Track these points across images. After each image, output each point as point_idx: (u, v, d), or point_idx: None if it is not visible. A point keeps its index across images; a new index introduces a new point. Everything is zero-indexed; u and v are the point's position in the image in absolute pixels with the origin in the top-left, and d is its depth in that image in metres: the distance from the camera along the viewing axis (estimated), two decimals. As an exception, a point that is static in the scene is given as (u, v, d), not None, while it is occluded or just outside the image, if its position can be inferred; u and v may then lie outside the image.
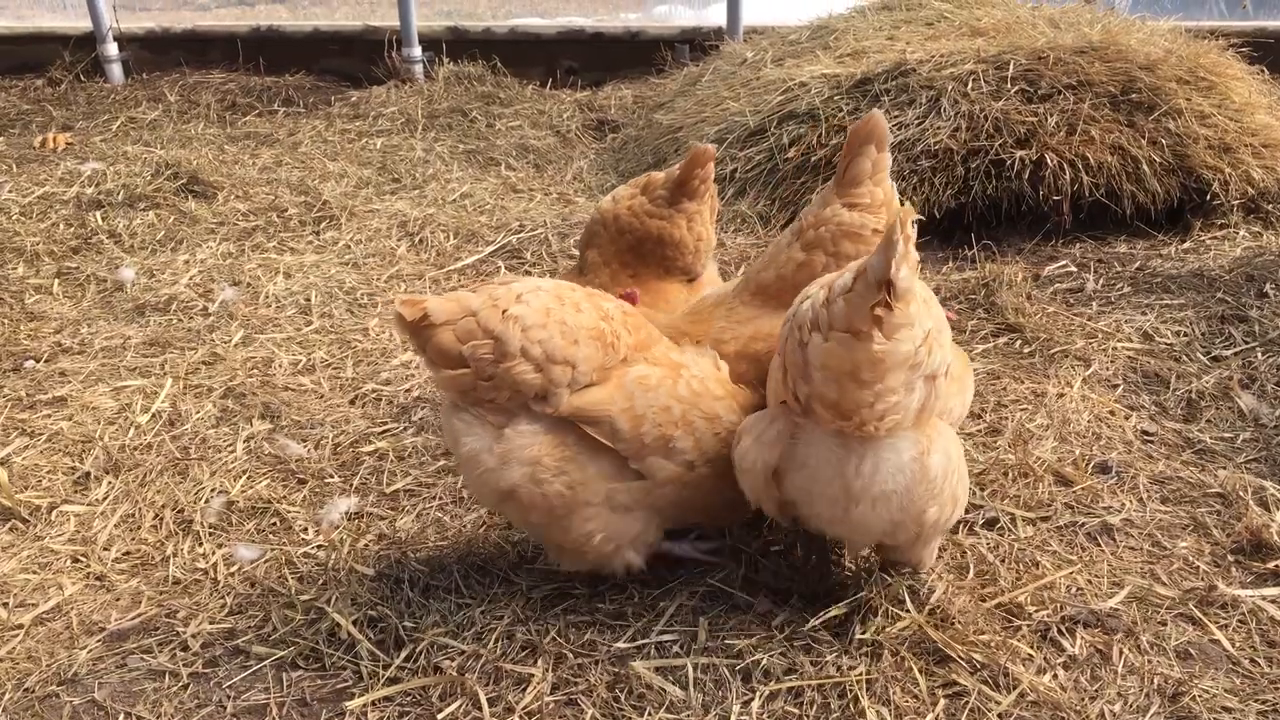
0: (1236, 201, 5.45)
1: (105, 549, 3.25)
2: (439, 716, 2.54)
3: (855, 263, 2.37)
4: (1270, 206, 5.51)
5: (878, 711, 2.50)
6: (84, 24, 9.56)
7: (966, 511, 3.20)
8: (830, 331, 2.29)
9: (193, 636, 2.87)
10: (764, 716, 2.51)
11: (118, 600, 3.04)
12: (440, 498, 3.46)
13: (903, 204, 3.02)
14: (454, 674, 2.65)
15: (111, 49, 9.44)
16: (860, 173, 3.07)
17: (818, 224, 3.08)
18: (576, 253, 5.27)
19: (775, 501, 2.66)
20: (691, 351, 2.95)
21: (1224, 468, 3.46)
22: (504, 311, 2.56)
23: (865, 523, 2.53)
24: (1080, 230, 5.47)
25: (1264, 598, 2.84)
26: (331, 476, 3.60)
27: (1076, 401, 3.83)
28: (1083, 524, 3.18)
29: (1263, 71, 6.54)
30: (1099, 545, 3.10)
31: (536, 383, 2.59)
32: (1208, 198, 5.43)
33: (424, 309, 2.57)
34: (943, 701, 2.52)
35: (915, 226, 2.24)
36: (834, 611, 2.77)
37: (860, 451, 2.44)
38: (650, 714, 2.51)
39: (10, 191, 6.30)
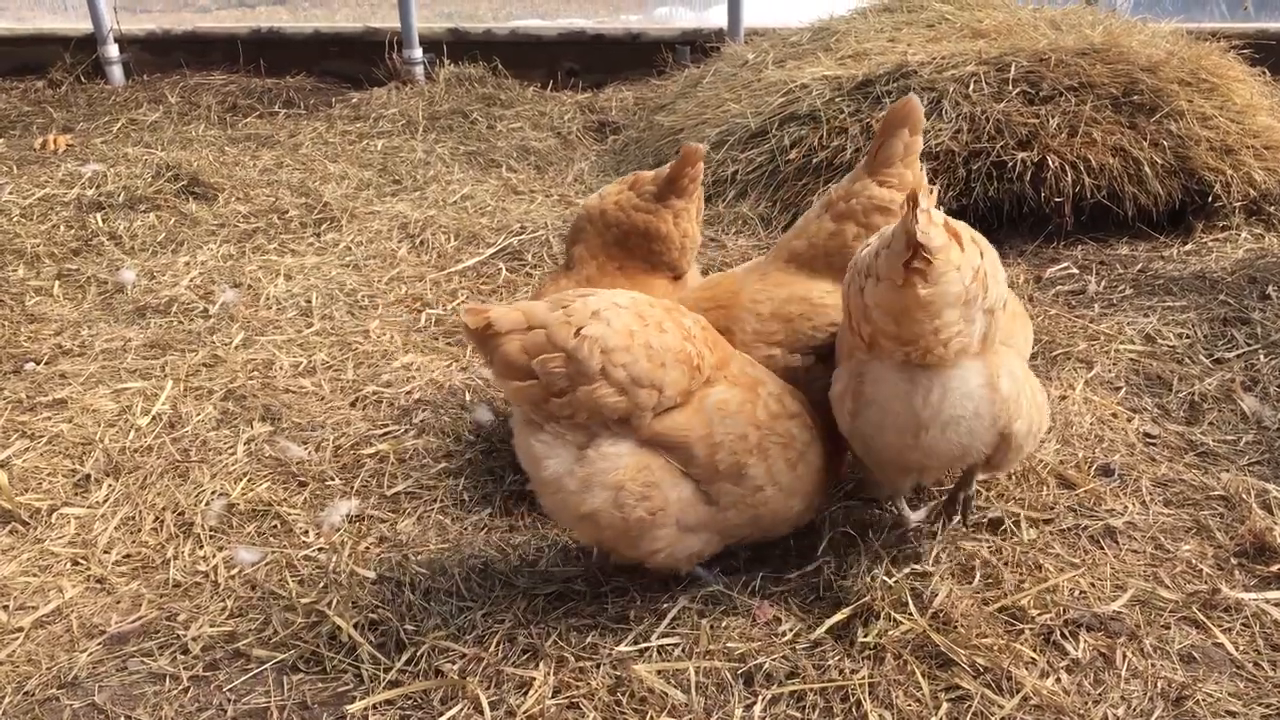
0: (1238, 203, 5.45)
1: (105, 552, 3.24)
2: (440, 720, 2.54)
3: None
4: (1272, 208, 5.50)
5: (880, 715, 2.49)
6: (85, 25, 9.56)
7: (970, 510, 3.21)
8: (880, 280, 2.53)
9: (193, 639, 2.86)
10: (766, 720, 2.50)
11: (118, 603, 3.03)
12: (441, 500, 3.45)
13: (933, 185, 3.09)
14: (455, 677, 2.64)
15: (112, 50, 9.44)
16: (893, 154, 3.16)
17: (849, 197, 3.20)
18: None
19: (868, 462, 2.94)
20: (761, 368, 2.92)
21: (1227, 470, 3.45)
22: (578, 330, 2.49)
23: (935, 448, 2.71)
24: (1082, 232, 5.46)
25: (1268, 601, 2.83)
26: (332, 479, 3.59)
27: (1079, 404, 3.82)
28: (1085, 527, 3.17)
29: (1264, 73, 6.54)
30: (1102, 548, 3.09)
31: (621, 406, 2.54)
32: (1209, 200, 5.43)
33: (488, 318, 2.52)
34: (945, 705, 2.51)
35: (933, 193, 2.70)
36: (837, 616, 2.76)
37: (927, 382, 2.62)
38: (652, 717, 2.50)
39: (11, 193, 6.29)
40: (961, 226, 2.56)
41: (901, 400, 2.65)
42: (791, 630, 2.76)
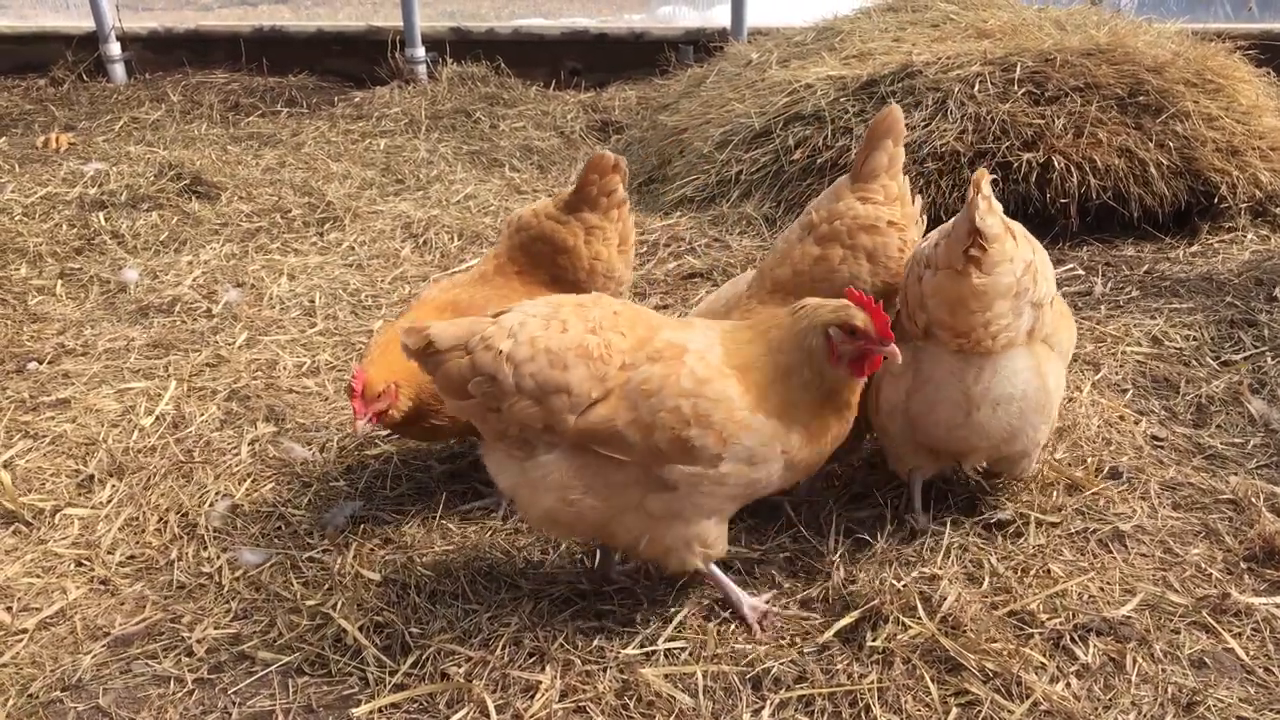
0: (1244, 204, 5.43)
1: (109, 553, 3.23)
2: (446, 724, 2.52)
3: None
4: (1278, 210, 5.48)
5: (889, 720, 2.48)
6: (87, 24, 9.54)
7: (979, 512, 3.21)
8: (938, 269, 2.76)
9: (198, 642, 2.84)
10: (775, 725, 2.49)
11: (122, 605, 3.02)
12: (446, 502, 3.43)
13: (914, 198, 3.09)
14: (461, 680, 2.63)
15: (114, 49, 9.42)
16: (877, 166, 3.12)
17: (832, 218, 3.13)
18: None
19: (909, 439, 3.01)
20: (698, 327, 2.75)
21: (1235, 473, 3.43)
22: (497, 351, 2.53)
23: (985, 427, 2.92)
24: (1088, 233, 5.45)
25: (1278, 605, 2.81)
26: (337, 480, 3.57)
27: (1086, 406, 3.80)
28: (1094, 530, 3.15)
29: (1270, 74, 6.52)
30: (1110, 552, 3.08)
31: (538, 415, 2.55)
32: (1215, 201, 5.41)
33: (428, 337, 2.56)
34: (955, 711, 2.50)
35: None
36: (845, 620, 2.75)
37: (979, 364, 2.86)
38: (660, 722, 2.49)
39: (13, 192, 6.28)
40: (1015, 224, 2.81)
41: (956, 379, 2.87)
42: (799, 634, 2.74)
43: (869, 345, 2.57)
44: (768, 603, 2.85)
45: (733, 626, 2.79)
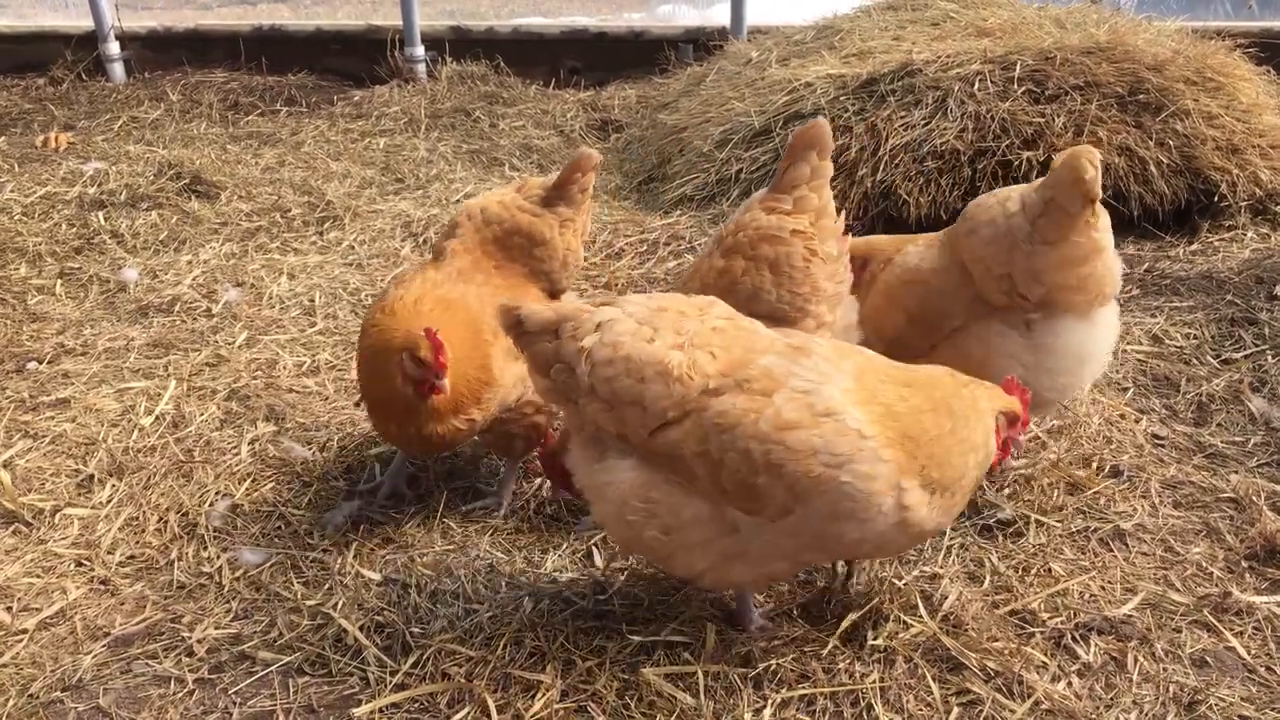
0: (1244, 203, 5.43)
1: (109, 553, 3.23)
2: (447, 724, 2.52)
3: (1026, 191, 3.12)
4: (1278, 208, 5.48)
5: (891, 720, 2.48)
6: (86, 23, 9.53)
7: (980, 513, 3.20)
8: (1051, 242, 3.03)
9: (198, 642, 2.84)
10: (776, 724, 2.48)
11: (122, 605, 3.02)
12: (446, 502, 3.43)
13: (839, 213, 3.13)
14: (462, 680, 2.62)
15: (113, 48, 9.41)
16: (798, 177, 3.07)
17: (736, 230, 3.12)
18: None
19: None
20: (820, 353, 2.48)
21: (1236, 472, 3.43)
22: (580, 346, 2.46)
23: (1090, 375, 3.28)
24: (1088, 232, 5.43)
25: (1279, 604, 2.81)
26: (337, 479, 3.57)
27: (1087, 405, 3.80)
28: (1095, 529, 3.15)
29: (1269, 72, 6.52)
30: (1111, 551, 3.08)
31: (610, 421, 2.45)
32: (1215, 199, 5.41)
33: (517, 315, 2.54)
34: (956, 710, 2.50)
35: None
36: (848, 621, 2.74)
37: (1091, 319, 3.17)
38: (661, 722, 2.49)
39: (12, 191, 6.27)
40: None
41: (1078, 337, 3.16)
42: (801, 632, 2.74)
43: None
44: (764, 616, 2.82)
45: (734, 627, 2.78)
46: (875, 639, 2.68)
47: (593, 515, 2.72)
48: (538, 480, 3.54)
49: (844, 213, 3.21)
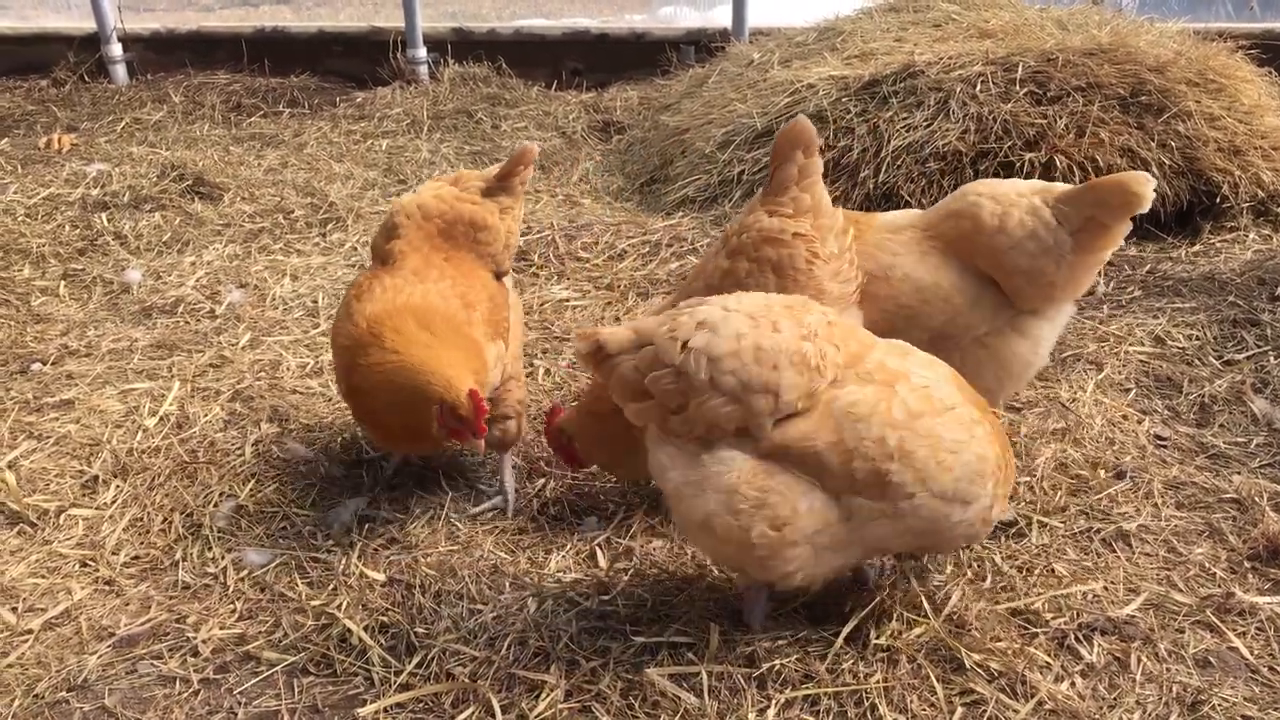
0: (1246, 204, 5.44)
1: (114, 553, 3.23)
2: (452, 724, 2.53)
3: (1049, 199, 3.21)
4: (1280, 209, 5.49)
5: (895, 720, 2.48)
6: (88, 24, 9.54)
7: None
8: (1087, 252, 3.20)
9: (203, 642, 2.85)
10: (780, 724, 2.49)
11: (127, 605, 3.02)
12: (450, 502, 3.44)
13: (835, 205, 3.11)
14: (466, 681, 2.63)
15: (116, 49, 9.42)
16: (786, 179, 3.06)
17: (740, 231, 3.12)
18: (578, 255, 5.27)
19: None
20: (919, 355, 2.64)
21: (1238, 473, 3.44)
22: (684, 344, 2.43)
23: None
24: (1090, 233, 5.43)
25: (1282, 605, 2.82)
26: (340, 480, 3.58)
27: (1089, 406, 3.81)
28: (1098, 530, 3.16)
29: (1271, 73, 6.52)
30: (1114, 551, 3.08)
31: (735, 415, 2.43)
32: (1217, 200, 5.41)
33: (598, 340, 2.49)
34: (960, 710, 2.50)
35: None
36: (851, 624, 2.74)
37: (1068, 311, 3.41)
38: (665, 722, 2.50)
39: (15, 193, 6.28)
40: None
41: (1056, 331, 3.40)
42: (804, 632, 2.74)
43: None
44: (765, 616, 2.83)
45: (737, 625, 2.78)
46: (879, 639, 2.68)
47: (679, 519, 2.63)
48: (541, 481, 3.55)
49: (839, 209, 3.19)
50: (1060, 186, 3.30)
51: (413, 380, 2.96)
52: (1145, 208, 3.12)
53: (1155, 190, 3.14)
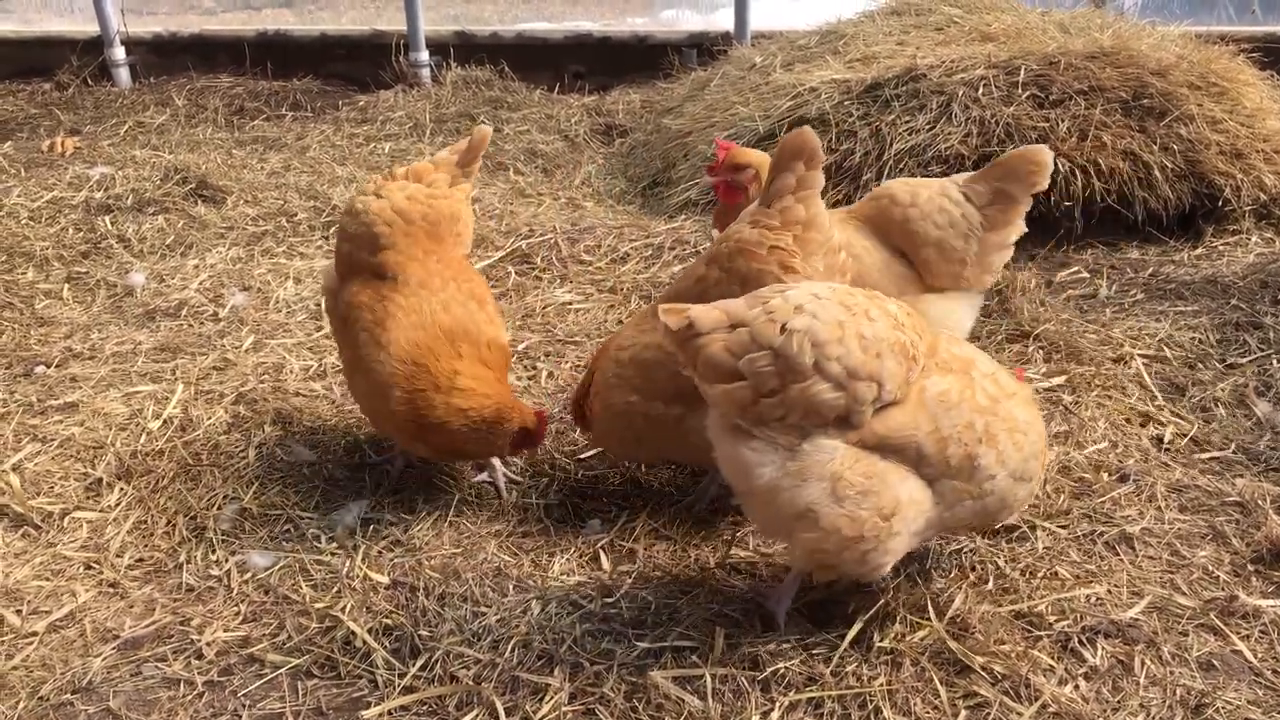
0: (1248, 207, 5.44)
1: (118, 556, 3.24)
2: (456, 726, 2.53)
3: (960, 182, 3.52)
4: (1282, 212, 5.49)
5: (898, 722, 2.48)
6: (91, 28, 9.55)
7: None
8: (995, 228, 3.48)
9: (207, 644, 2.85)
10: (784, 727, 2.49)
11: (131, 607, 3.03)
12: (454, 504, 3.44)
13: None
14: (470, 683, 2.64)
15: (119, 53, 9.44)
16: (781, 188, 2.96)
17: (724, 239, 3.09)
18: (581, 258, 5.28)
19: None
20: (970, 346, 2.74)
21: (1241, 476, 3.44)
22: (783, 325, 2.40)
23: None
24: (1092, 236, 5.45)
25: (1285, 608, 2.82)
26: (344, 483, 3.58)
27: (1092, 409, 3.81)
28: (1101, 533, 3.16)
29: (1273, 76, 6.53)
30: (1118, 554, 3.08)
31: (839, 402, 2.41)
32: (1220, 204, 5.41)
33: (689, 318, 2.45)
34: (964, 713, 2.51)
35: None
36: (857, 624, 2.75)
37: (980, 296, 3.67)
38: (669, 724, 2.50)
39: (19, 196, 6.28)
40: None
41: (970, 314, 3.66)
42: (808, 635, 2.74)
43: None
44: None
45: (741, 628, 2.79)
46: (882, 641, 2.69)
47: (771, 513, 2.56)
48: (544, 480, 3.56)
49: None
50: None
51: (488, 416, 3.17)
52: (1046, 181, 3.42)
53: (1159, 193, 3.17)
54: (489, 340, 3.32)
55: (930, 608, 2.79)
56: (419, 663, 2.72)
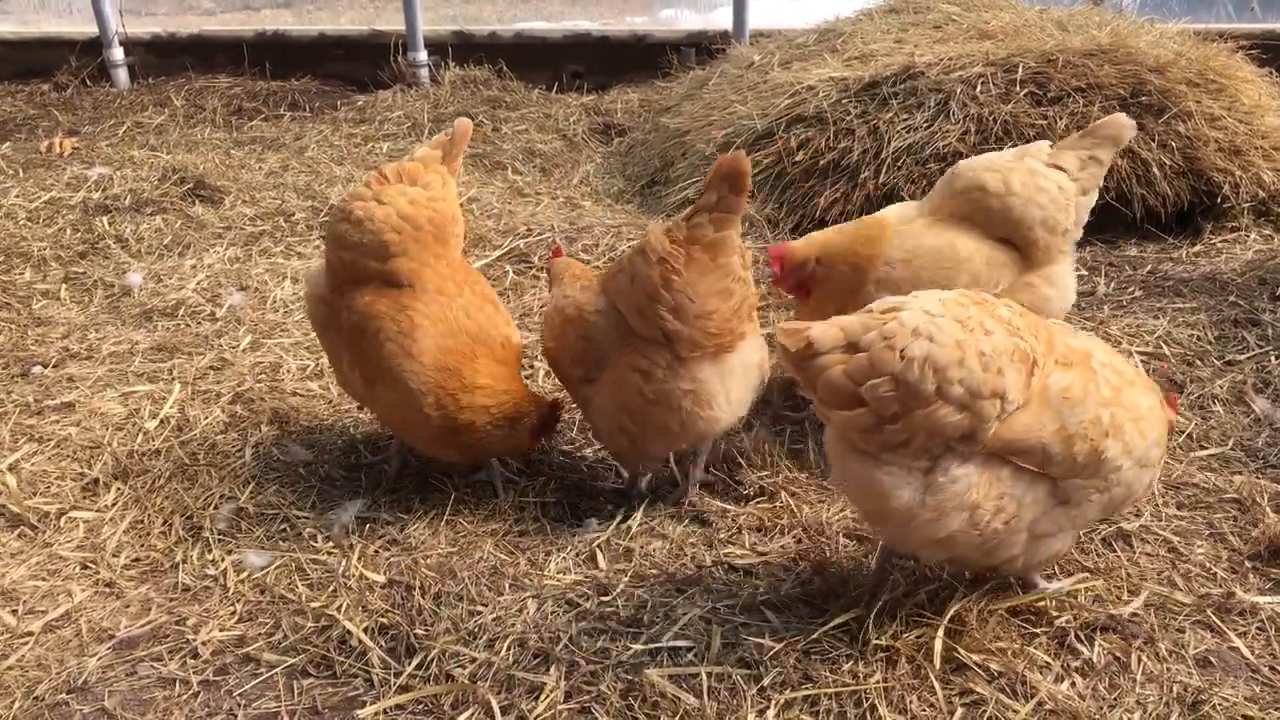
0: (1247, 204, 5.43)
1: (114, 555, 3.24)
2: (452, 725, 2.52)
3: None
4: (1281, 209, 5.48)
5: (895, 720, 2.48)
6: (90, 29, 9.56)
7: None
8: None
9: (203, 644, 2.85)
10: (780, 725, 2.49)
11: (127, 607, 3.03)
12: (450, 503, 3.43)
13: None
14: (466, 682, 2.63)
15: (117, 54, 9.44)
16: (702, 205, 2.96)
17: (649, 234, 3.10)
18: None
19: None
20: (1079, 333, 2.68)
21: (1239, 473, 3.43)
22: (900, 352, 2.34)
23: None
24: (1090, 233, 5.35)
25: (1283, 604, 2.81)
26: (341, 482, 3.58)
27: (1090, 406, 3.80)
28: (1099, 529, 3.15)
29: (1272, 74, 6.52)
30: (1115, 551, 3.08)
31: (963, 424, 2.38)
32: (1218, 201, 5.41)
33: (807, 338, 2.39)
34: (960, 710, 2.50)
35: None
36: (847, 615, 2.74)
37: None
38: (665, 723, 2.49)
39: (17, 196, 6.29)
40: None
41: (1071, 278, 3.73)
42: (803, 632, 2.74)
43: None
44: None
45: (736, 626, 2.78)
46: (878, 639, 2.68)
47: (907, 534, 2.54)
48: (540, 479, 3.55)
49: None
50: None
51: (508, 412, 3.26)
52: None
53: (1157, 190, 3.16)
54: (503, 339, 3.36)
55: (927, 605, 2.78)
56: (414, 661, 2.71)
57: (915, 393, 2.34)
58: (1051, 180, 3.53)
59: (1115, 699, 2.53)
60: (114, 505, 3.47)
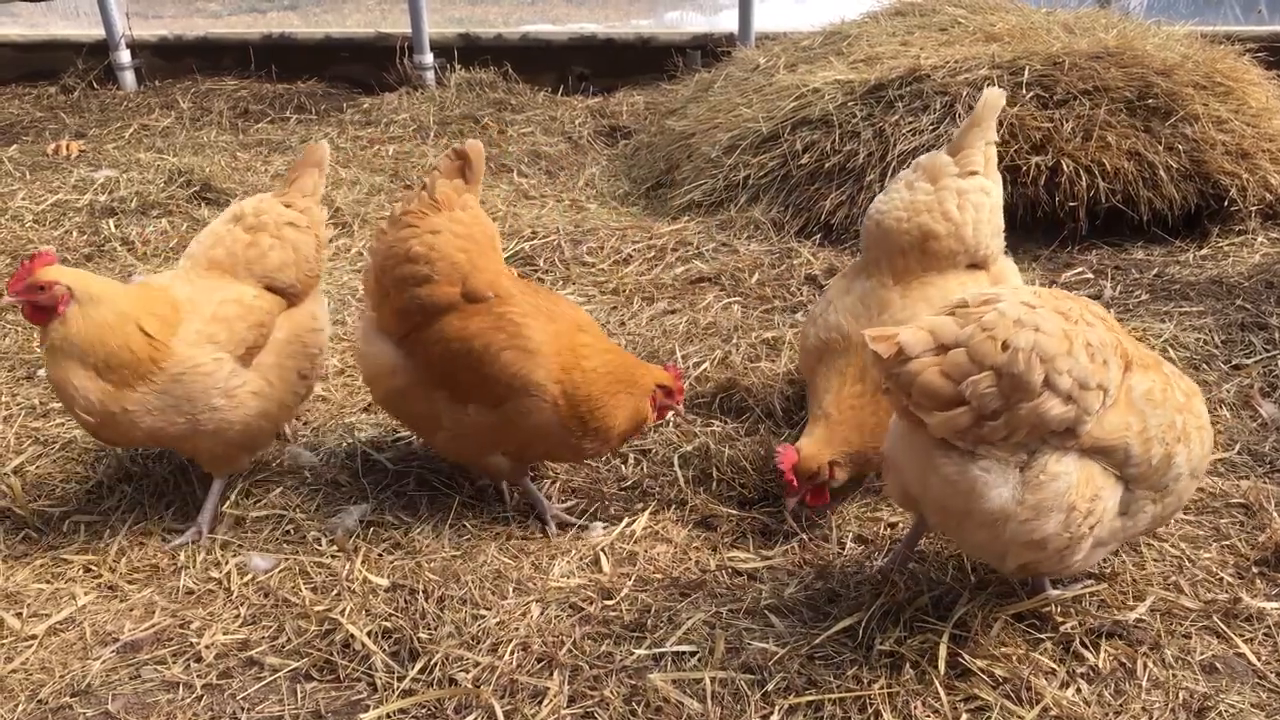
0: (1254, 208, 5.41)
1: (118, 559, 3.24)
2: (454, 730, 2.52)
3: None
4: (1288, 212, 5.46)
5: (899, 726, 2.47)
6: (97, 32, 9.58)
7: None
8: None
9: (206, 647, 2.85)
10: (783, 731, 2.48)
11: (131, 610, 3.03)
12: (455, 507, 3.43)
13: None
14: (469, 686, 2.63)
15: (124, 56, 9.45)
16: (304, 186, 3.73)
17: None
18: (583, 260, 5.27)
19: None
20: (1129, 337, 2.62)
21: (1246, 478, 3.42)
22: (1004, 343, 2.26)
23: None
24: (1097, 237, 5.43)
25: (1290, 610, 2.80)
26: (344, 485, 3.58)
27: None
28: (1104, 535, 3.14)
29: (1278, 76, 6.49)
30: (1121, 556, 3.06)
31: (1069, 416, 2.31)
32: (1225, 204, 5.39)
33: (898, 343, 2.31)
34: (965, 716, 2.49)
35: None
36: (849, 620, 2.74)
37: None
38: (668, 728, 2.49)
39: (24, 199, 6.30)
40: None
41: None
42: (808, 637, 2.73)
43: None
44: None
45: (740, 631, 2.78)
46: (883, 644, 2.67)
47: (993, 535, 2.44)
48: (545, 483, 3.55)
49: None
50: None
51: (630, 377, 3.29)
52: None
53: (1164, 193, 3.13)
54: (583, 319, 3.38)
55: (931, 610, 2.77)
56: (418, 666, 2.71)
57: (1021, 384, 2.26)
58: (979, 190, 3.41)
59: (1121, 705, 2.52)
60: (118, 508, 3.47)
